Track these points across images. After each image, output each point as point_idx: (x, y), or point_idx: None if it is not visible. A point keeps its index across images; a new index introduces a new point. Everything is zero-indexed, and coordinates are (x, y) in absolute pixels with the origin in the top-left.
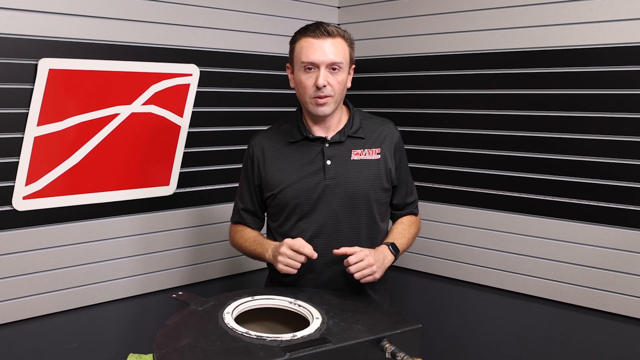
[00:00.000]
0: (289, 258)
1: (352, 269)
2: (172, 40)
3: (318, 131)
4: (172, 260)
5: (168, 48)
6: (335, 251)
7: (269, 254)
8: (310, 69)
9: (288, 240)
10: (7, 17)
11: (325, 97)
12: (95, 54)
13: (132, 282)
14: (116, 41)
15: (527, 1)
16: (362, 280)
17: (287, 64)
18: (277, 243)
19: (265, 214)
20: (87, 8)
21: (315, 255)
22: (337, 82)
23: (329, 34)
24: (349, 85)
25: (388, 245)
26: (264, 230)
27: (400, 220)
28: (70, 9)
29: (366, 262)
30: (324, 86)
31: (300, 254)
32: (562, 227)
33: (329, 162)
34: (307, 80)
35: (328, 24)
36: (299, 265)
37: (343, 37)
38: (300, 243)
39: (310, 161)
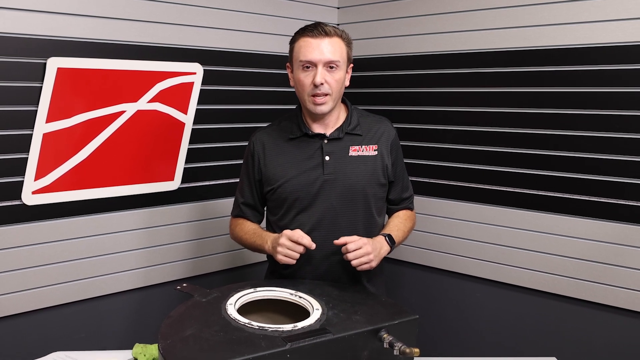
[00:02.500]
0: (288, 249)
1: (349, 255)
2: (177, 40)
3: (317, 128)
4: (176, 253)
5: (173, 47)
6: (336, 241)
7: (268, 246)
8: (308, 67)
9: (287, 232)
10: (16, 18)
11: (323, 95)
12: (102, 53)
13: (137, 274)
14: (122, 41)
15: (520, 2)
16: (359, 268)
17: (287, 64)
18: (276, 235)
19: (265, 208)
20: (94, 8)
21: (313, 245)
22: (335, 81)
23: (327, 34)
24: (347, 83)
25: (385, 236)
26: (264, 223)
27: (396, 214)
28: (77, 10)
29: (364, 250)
30: (321, 84)
31: (299, 244)
32: (554, 221)
33: (327, 158)
34: (305, 78)
35: (326, 24)
36: (297, 255)
37: (340, 36)
38: (299, 234)
39: (309, 157)
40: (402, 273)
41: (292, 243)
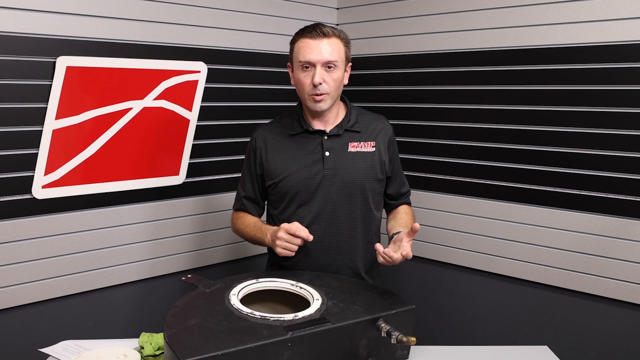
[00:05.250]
0: (286, 242)
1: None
2: (182, 39)
3: (317, 125)
4: (180, 245)
5: (178, 47)
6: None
7: (268, 239)
8: (307, 67)
9: (285, 225)
10: (27, 18)
11: (322, 94)
12: (110, 52)
13: (143, 265)
14: (129, 40)
15: (513, 3)
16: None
17: (288, 63)
18: (275, 228)
19: (266, 202)
20: (102, 9)
21: (310, 237)
22: (333, 80)
23: (325, 35)
24: (345, 82)
25: None
26: (264, 217)
27: (403, 209)
28: (86, 10)
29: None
30: (320, 84)
31: (297, 237)
32: (546, 214)
33: (327, 154)
34: (305, 78)
35: (324, 25)
36: (295, 247)
37: (339, 37)
38: (296, 227)
39: (309, 152)
40: (399, 264)
41: (289, 236)
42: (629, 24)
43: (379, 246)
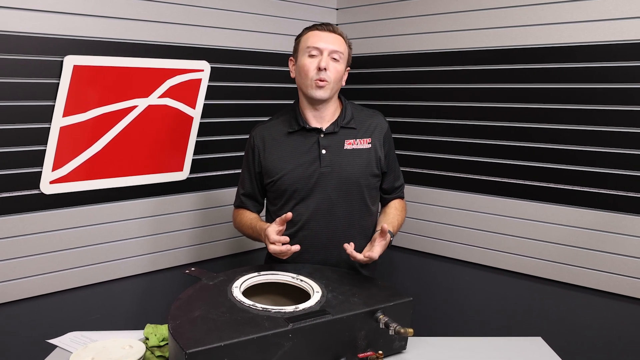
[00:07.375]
0: (276, 251)
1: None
2: (186, 39)
3: (314, 122)
4: (184, 239)
5: (182, 46)
6: (357, 256)
7: (263, 239)
8: (314, 55)
9: (270, 247)
10: (35, 18)
11: (324, 80)
12: (116, 51)
13: (147, 259)
14: (134, 40)
15: (508, 3)
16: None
17: (291, 57)
18: (264, 229)
19: (265, 199)
20: (108, 9)
21: (294, 248)
22: (336, 71)
23: (333, 30)
24: (343, 83)
25: (391, 236)
26: (264, 213)
27: (393, 205)
28: (92, 11)
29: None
30: (325, 69)
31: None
32: (540, 208)
33: (324, 152)
34: (311, 64)
35: (332, 25)
36: (285, 250)
37: (344, 37)
38: (271, 238)
39: (307, 150)
40: (397, 258)
41: (274, 246)
42: (620, 24)
43: (346, 246)
